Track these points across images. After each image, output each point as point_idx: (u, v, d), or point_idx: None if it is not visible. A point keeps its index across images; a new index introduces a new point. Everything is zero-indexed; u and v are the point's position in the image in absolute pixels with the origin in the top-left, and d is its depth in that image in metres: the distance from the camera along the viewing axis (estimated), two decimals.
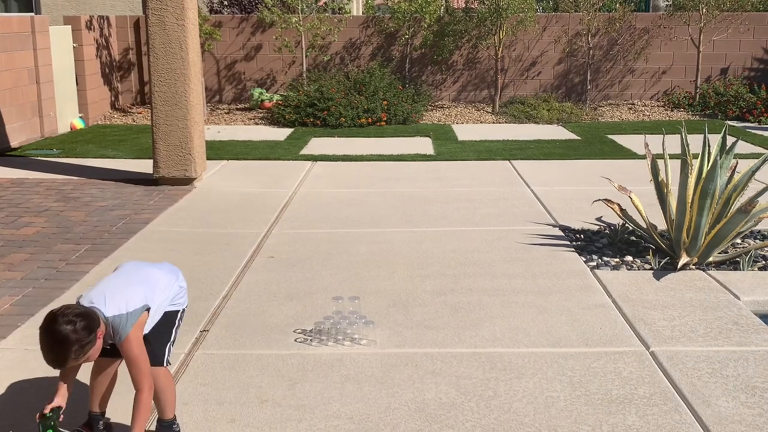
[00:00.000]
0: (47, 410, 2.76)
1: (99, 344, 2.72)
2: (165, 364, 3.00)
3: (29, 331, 4.08)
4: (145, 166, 8.07)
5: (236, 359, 3.77)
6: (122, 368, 2.96)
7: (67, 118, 11.03)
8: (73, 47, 11.28)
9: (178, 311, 3.08)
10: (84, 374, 3.07)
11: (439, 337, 4.03)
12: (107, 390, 3.08)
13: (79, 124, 11.16)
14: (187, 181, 7.46)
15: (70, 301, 4.48)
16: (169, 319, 3.03)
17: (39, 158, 8.85)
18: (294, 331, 4.09)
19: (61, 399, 2.82)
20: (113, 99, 12.75)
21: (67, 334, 2.60)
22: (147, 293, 2.86)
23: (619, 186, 5.73)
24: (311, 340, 3.98)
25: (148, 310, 2.84)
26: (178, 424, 3.07)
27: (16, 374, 3.60)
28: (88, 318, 2.66)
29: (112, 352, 2.92)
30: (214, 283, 4.80)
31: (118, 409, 3.18)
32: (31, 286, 4.77)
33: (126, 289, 2.83)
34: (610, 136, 10.25)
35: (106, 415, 3.11)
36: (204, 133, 7.86)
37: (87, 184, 7.52)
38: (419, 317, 4.29)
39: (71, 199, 6.97)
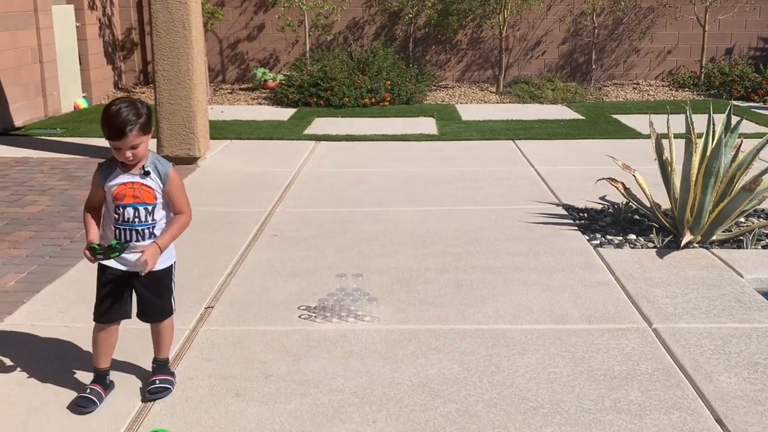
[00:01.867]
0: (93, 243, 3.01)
1: (147, 143, 3.04)
2: (172, 313, 3.30)
3: (35, 308, 4.10)
4: (149, 145, 8.05)
5: (241, 335, 3.79)
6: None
7: (71, 97, 11.01)
8: (76, 26, 11.24)
9: (174, 263, 3.27)
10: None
11: (443, 314, 4.04)
12: (112, 349, 3.25)
13: (83, 104, 11.15)
14: (191, 161, 7.46)
15: (76, 278, 4.52)
16: (168, 274, 3.23)
17: (43, 137, 8.86)
18: (298, 308, 4.11)
19: (95, 234, 3.09)
20: (116, 78, 12.73)
21: (134, 101, 3.04)
22: None
23: (623, 165, 5.72)
24: (315, 317, 4.00)
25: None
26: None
27: (22, 350, 3.63)
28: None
29: (121, 314, 3.17)
30: (218, 260, 4.82)
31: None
32: (36, 263, 4.80)
33: None
34: (614, 116, 10.22)
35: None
36: (207, 113, 7.85)
37: (91, 163, 7.52)
38: (423, 294, 4.30)
39: (75, 177, 6.98)
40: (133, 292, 3.20)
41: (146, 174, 3.08)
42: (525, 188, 6.60)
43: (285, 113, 10.67)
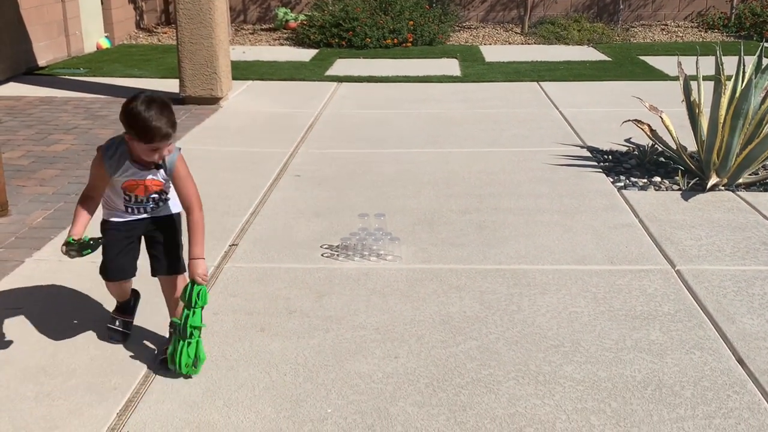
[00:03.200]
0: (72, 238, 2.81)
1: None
2: (183, 271, 3.03)
3: (61, 244, 4.16)
4: (171, 85, 8.05)
5: (264, 272, 3.83)
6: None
7: (93, 37, 10.98)
8: None
9: (179, 212, 3.03)
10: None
11: (464, 254, 4.05)
12: (129, 289, 3.20)
13: (105, 44, 11.12)
14: (214, 101, 7.44)
15: (101, 215, 4.56)
16: (175, 225, 3.03)
17: (66, 77, 8.86)
18: (321, 246, 4.14)
19: (80, 230, 2.86)
20: (138, 18, 12.65)
21: (163, 99, 2.81)
22: None
23: (650, 106, 5.63)
24: (338, 255, 4.03)
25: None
26: None
27: (50, 283, 3.70)
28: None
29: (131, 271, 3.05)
30: (242, 199, 4.85)
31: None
32: (62, 200, 4.85)
33: None
34: (641, 58, 10.03)
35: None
36: (229, 53, 7.80)
37: (114, 102, 7.54)
38: (444, 235, 4.31)
39: (99, 117, 7.00)
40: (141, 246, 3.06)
41: (158, 168, 2.87)
42: (549, 130, 6.53)
43: (307, 54, 10.57)
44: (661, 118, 5.53)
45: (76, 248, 2.80)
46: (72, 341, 3.18)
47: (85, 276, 3.76)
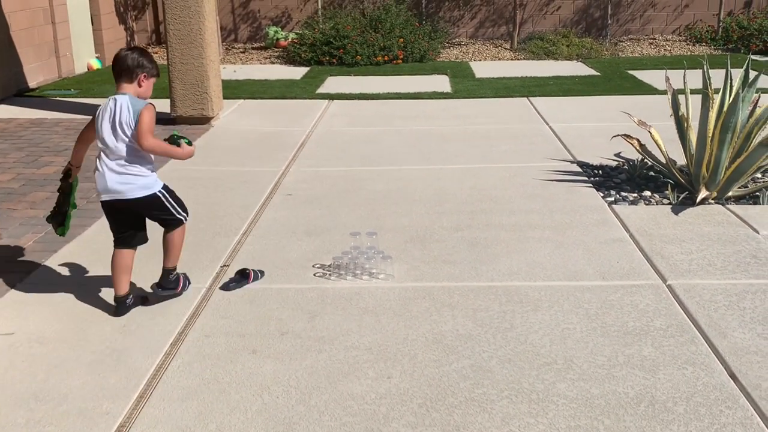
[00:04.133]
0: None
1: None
2: (182, 223, 3.63)
3: (53, 267, 4.15)
4: (162, 105, 8.03)
5: (256, 293, 3.82)
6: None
7: (84, 58, 11.00)
8: None
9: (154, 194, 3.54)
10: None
11: (456, 271, 4.06)
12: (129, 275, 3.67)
13: (96, 64, 11.14)
14: (205, 120, 7.46)
15: (92, 238, 4.56)
16: (157, 203, 3.55)
17: (57, 98, 8.87)
18: (313, 266, 4.13)
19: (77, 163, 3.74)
20: (129, 39, 12.68)
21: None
22: None
23: (638, 121, 5.66)
24: (330, 275, 4.02)
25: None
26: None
27: (41, 308, 3.68)
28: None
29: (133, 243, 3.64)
30: (233, 220, 4.84)
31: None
32: None
33: None
34: (630, 72, 10.10)
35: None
36: (220, 72, 7.83)
37: None
38: (436, 252, 4.32)
39: None
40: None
41: None
42: (539, 145, 6.56)
43: (298, 72, 10.61)
44: (650, 133, 5.56)
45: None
46: (64, 366, 3.17)
47: (78, 300, 3.75)
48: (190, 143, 3.64)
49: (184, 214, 3.62)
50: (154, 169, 3.56)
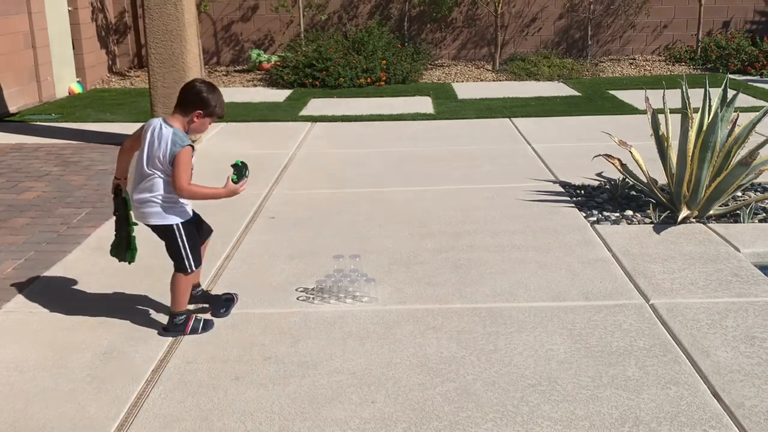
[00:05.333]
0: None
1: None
2: (180, 271, 3.59)
3: (32, 294, 4.10)
4: None
5: (239, 318, 3.79)
6: None
7: (65, 82, 10.96)
8: (68, 11, 11.16)
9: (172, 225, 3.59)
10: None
11: (440, 293, 4.05)
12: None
13: (77, 89, 11.10)
14: None
15: (72, 265, 4.52)
16: (166, 232, 3.58)
17: (38, 123, 8.82)
18: (296, 290, 4.11)
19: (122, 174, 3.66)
20: (110, 63, 12.66)
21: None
22: None
23: (619, 141, 5.70)
24: (313, 298, 4.00)
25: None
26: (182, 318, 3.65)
27: (20, 337, 3.63)
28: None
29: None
30: (215, 244, 4.80)
31: None
32: (33, 249, 4.79)
33: None
34: (611, 92, 10.19)
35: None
36: None
37: (86, 148, 7.51)
38: (420, 274, 4.31)
39: (71, 163, 6.96)
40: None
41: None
42: (522, 166, 6.59)
43: (280, 95, 10.62)
44: (631, 153, 5.60)
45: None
46: (43, 395, 3.12)
47: (58, 328, 3.71)
48: (241, 177, 3.71)
49: (192, 264, 3.59)
50: (176, 204, 3.59)
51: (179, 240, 3.56)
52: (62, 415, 2.98)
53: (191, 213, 3.69)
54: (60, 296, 4.08)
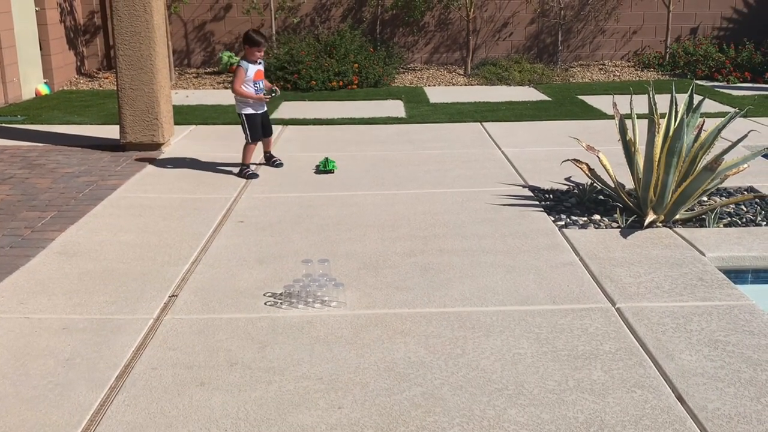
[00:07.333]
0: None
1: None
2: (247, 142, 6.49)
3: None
4: (112, 131, 7.95)
5: (205, 323, 3.76)
6: None
7: (32, 83, 10.81)
8: (36, 11, 11.01)
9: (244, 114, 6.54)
10: None
11: (409, 298, 4.05)
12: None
13: (44, 90, 10.95)
14: (155, 147, 7.37)
15: (36, 269, 4.45)
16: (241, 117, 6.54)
17: (3, 125, 8.68)
18: (264, 295, 4.09)
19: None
20: (79, 64, 12.51)
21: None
22: None
23: (587, 146, 5.75)
24: (281, 303, 3.98)
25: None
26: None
27: None
28: None
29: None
30: (182, 248, 4.77)
31: None
32: None
33: None
34: (580, 97, 10.27)
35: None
36: (171, 98, 7.75)
37: (53, 150, 7.41)
38: (389, 278, 4.30)
39: (36, 166, 6.86)
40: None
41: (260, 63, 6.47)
42: (492, 170, 6.62)
43: None
44: (599, 158, 5.65)
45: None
46: (2, 402, 3.06)
47: (20, 334, 3.65)
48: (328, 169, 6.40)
49: (250, 138, 6.46)
50: (247, 102, 6.39)
51: (244, 123, 6.43)
52: (23, 422, 2.93)
53: (258, 111, 6.48)
54: (21, 301, 4.01)
